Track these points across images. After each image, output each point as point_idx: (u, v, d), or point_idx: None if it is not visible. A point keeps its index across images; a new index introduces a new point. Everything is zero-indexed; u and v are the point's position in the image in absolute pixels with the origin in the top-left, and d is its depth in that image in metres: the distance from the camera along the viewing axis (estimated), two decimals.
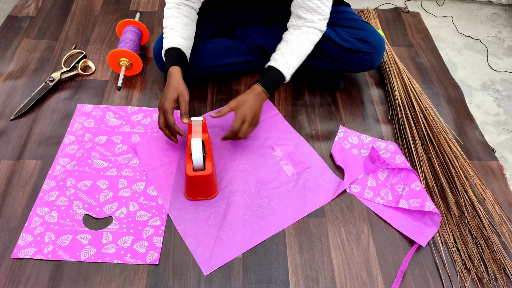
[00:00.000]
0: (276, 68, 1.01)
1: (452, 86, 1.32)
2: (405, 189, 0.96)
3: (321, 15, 1.02)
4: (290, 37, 1.03)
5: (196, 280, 0.83)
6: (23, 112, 1.13)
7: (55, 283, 0.81)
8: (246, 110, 0.97)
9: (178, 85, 0.96)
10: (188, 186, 0.93)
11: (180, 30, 1.01)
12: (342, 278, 0.85)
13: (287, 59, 1.02)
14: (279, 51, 1.03)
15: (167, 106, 0.94)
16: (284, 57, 1.02)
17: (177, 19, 1.01)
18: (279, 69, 1.01)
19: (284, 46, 1.03)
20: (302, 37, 1.03)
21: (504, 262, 0.86)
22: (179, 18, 1.02)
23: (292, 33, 1.04)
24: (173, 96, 0.94)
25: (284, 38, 1.05)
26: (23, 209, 0.92)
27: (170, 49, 0.99)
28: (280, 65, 1.01)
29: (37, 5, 1.53)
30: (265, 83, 1.01)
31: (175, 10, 1.02)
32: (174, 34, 1.00)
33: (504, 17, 1.92)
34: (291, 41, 1.03)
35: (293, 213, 0.94)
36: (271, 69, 1.02)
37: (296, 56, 1.03)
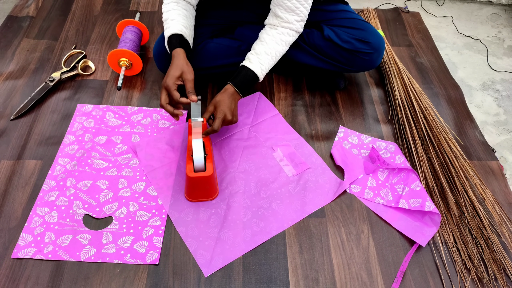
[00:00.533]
0: (250, 69, 1.02)
1: (452, 86, 1.32)
2: (405, 189, 0.96)
3: (298, 16, 1.02)
4: (266, 37, 1.04)
5: (196, 280, 0.83)
6: (23, 112, 1.13)
7: (55, 283, 0.81)
8: (225, 110, 0.99)
9: (182, 63, 0.96)
10: (189, 187, 0.93)
11: (181, 20, 1.02)
12: (342, 278, 0.85)
13: (261, 59, 1.03)
14: (254, 51, 1.04)
15: (169, 82, 0.94)
16: (258, 57, 1.03)
17: (177, 11, 1.03)
18: (253, 70, 1.02)
19: (259, 46, 1.04)
20: (277, 38, 1.04)
21: (504, 262, 0.86)
22: (178, 11, 1.03)
23: (268, 32, 1.05)
24: (176, 73, 0.95)
25: (260, 37, 1.06)
26: (23, 209, 0.92)
27: (173, 36, 1.00)
28: (253, 66, 1.02)
29: (37, 5, 1.53)
30: (238, 83, 1.02)
31: (174, 4, 1.04)
32: (175, 23, 1.01)
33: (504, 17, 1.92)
34: (266, 41, 1.04)
35: (293, 214, 0.94)
36: (244, 69, 1.03)
37: (270, 56, 1.04)
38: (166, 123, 1.13)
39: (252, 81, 1.04)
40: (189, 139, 0.96)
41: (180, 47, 0.99)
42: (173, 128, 1.11)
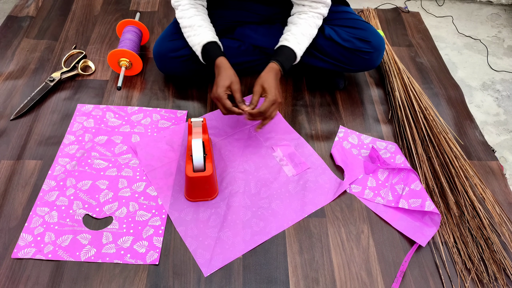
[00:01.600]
0: (289, 47, 1.02)
1: (452, 86, 1.32)
2: (405, 189, 0.96)
3: (324, 3, 1.05)
4: (298, 20, 1.05)
5: (196, 280, 0.83)
6: (23, 112, 1.13)
7: (55, 283, 0.81)
8: (275, 93, 0.97)
9: (230, 73, 0.97)
10: (188, 187, 0.93)
11: (208, 26, 1.03)
12: (342, 278, 0.85)
13: (298, 39, 1.03)
14: (289, 32, 1.04)
15: (220, 92, 0.95)
16: (295, 37, 1.03)
17: (200, 17, 1.03)
18: (292, 48, 1.02)
19: (294, 28, 1.04)
20: (310, 21, 1.05)
21: (504, 262, 0.86)
22: (200, 16, 1.04)
23: (299, 17, 1.06)
24: (226, 83, 0.96)
25: (292, 21, 1.07)
26: (23, 209, 0.92)
27: (209, 44, 1.00)
28: (292, 44, 1.02)
29: (37, 5, 1.53)
30: (281, 60, 1.01)
31: (194, 10, 1.04)
32: (204, 30, 1.01)
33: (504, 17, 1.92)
34: (299, 23, 1.04)
35: (293, 214, 0.94)
36: (284, 48, 1.03)
37: (305, 37, 1.04)
38: (166, 123, 1.13)
39: (292, 61, 1.04)
40: (189, 139, 0.96)
41: (222, 55, 1.00)
42: (173, 128, 1.11)
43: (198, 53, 1.04)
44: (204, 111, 1.18)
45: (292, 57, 1.03)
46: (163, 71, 1.21)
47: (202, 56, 1.04)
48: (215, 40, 1.02)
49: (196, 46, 1.03)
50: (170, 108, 1.17)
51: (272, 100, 0.97)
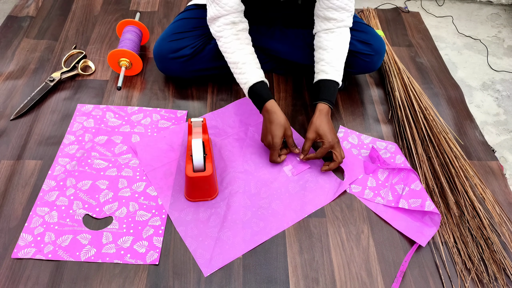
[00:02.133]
0: (331, 80, 1.00)
1: (452, 86, 1.32)
2: (405, 189, 0.96)
3: (349, 12, 1.01)
4: (328, 44, 1.01)
5: (196, 280, 0.83)
6: (23, 112, 1.13)
7: (55, 283, 0.81)
8: (332, 137, 0.96)
9: (283, 121, 0.97)
10: (188, 187, 0.93)
11: (253, 61, 1.00)
12: (342, 278, 0.85)
13: (336, 66, 1.01)
14: (324, 61, 1.01)
15: (276, 143, 0.97)
16: (332, 65, 1.00)
17: (244, 51, 1.00)
18: (333, 80, 1.00)
19: (327, 55, 1.01)
20: (339, 40, 1.02)
21: (504, 262, 0.86)
22: (245, 50, 1.00)
23: (327, 38, 1.02)
24: (281, 133, 0.97)
25: (322, 46, 1.02)
26: (23, 209, 0.92)
27: (258, 84, 0.98)
28: (333, 76, 1.00)
29: (37, 5, 1.53)
30: (329, 98, 0.99)
31: (237, 42, 1.00)
32: (251, 68, 0.98)
33: (504, 17, 1.92)
34: (330, 47, 1.01)
35: (293, 214, 0.94)
36: (326, 82, 1.00)
37: (341, 60, 1.02)
38: (166, 123, 1.13)
39: (336, 90, 1.02)
40: (189, 139, 0.96)
41: (271, 97, 0.98)
42: (173, 128, 1.11)
43: (245, 93, 1.02)
44: (204, 111, 1.18)
45: (336, 87, 1.01)
46: (163, 71, 1.21)
47: (249, 96, 1.01)
48: (262, 80, 0.99)
49: (242, 85, 1.01)
50: (170, 108, 1.17)
51: (329, 147, 0.96)
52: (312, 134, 0.97)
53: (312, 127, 0.97)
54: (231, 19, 0.99)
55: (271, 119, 0.97)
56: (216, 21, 1.01)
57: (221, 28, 1.00)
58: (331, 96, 1.00)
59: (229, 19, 0.99)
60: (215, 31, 1.02)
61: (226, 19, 0.99)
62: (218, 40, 1.03)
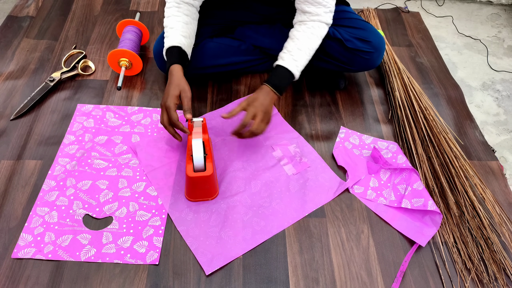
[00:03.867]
0: (284, 67, 0.99)
1: (452, 86, 1.32)
2: (408, 189, 0.96)
3: (326, 7, 1.00)
4: (296, 34, 1.01)
5: (196, 280, 0.83)
6: (23, 112, 1.13)
7: (55, 283, 0.81)
8: (257, 106, 0.96)
9: (180, 82, 0.95)
10: (189, 187, 0.93)
11: (181, 28, 1.00)
12: (342, 278, 0.85)
13: (294, 56, 1.00)
14: (286, 49, 1.01)
15: (169, 103, 0.93)
16: (291, 54, 1.00)
17: (178, 18, 1.01)
18: (287, 67, 0.99)
19: (290, 43, 1.01)
20: (308, 32, 1.01)
21: (504, 262, 0.86)
22: (179, 17, 1.01)
23: (298, 29, 1.02)
24: (175, 92, 0.94)
25: (290, 36, 1.03)
26: (23, 209, 0.92)
27: (171, 48, 0.99)
28: (287, 63, 0.99)
29: (37, 5, 1.53)
30: (273, 82, 0.99)
31: (175, 9, 1.02)
32: (174, 33, 0.99)
33: (504, 17, 1.92)
34: (297, 37, 1.01)
35: (294, 213, 0.94)
36: (278, 68, 1.00)
37: (303, 52, 1.00)
38: None
39: (288, 79, 1.00)
40: (189, 138, 0.96)
41: (178, 63, 0.97)
42: None
43: (165, 57, 1.02)
44: (204, 110, 1.18)
45: (288, 76, 1.00)
46: (163, 71, 1.21)
47: (167, 61, 1.00)
48: (178, 45, 0.98)
49: (164, 50, 1.01)
50: None
51: (251, 112, 0.95)
52: (244, 102, 0.97)
53: (247, 97, 0.98)
54: None
55: (169, 81, 0.96)
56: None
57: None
58: (278, 81, 0.99)
59: None
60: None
61: None
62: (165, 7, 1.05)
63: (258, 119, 0.96)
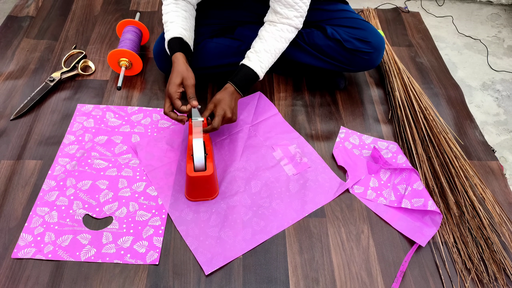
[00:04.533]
0: (249, 67, 1.01)
1: (452, 86, 1.32)
2: (408, 189, 0.96)
3: (298, 11, 1.01)
4: (265, 35, 1.03)
5: (196, 280, 0.83)
6: (23, 112, 1.13)
7: (55, 283, 0.81)
8: (224, 107, 0.98)
9: (182, 69, 0.95)
10: (189, 186, 0.93)
11: (181, 22, 1.01)
12: (342, 278, 0.85)
13: (260, 57, 1.02)
14: (253, 49, 1.03)
15: (171, 90, 0.94)
16: (257, 55, 1.02)
17: (176, 13, 1.02)
18: (252, 68, 1.01)
19: (259, 44, 1.03)
20: (276, 35, 1.03)
21: (504, 262, 0.86)
22: (178, 12, 1.02)
23: (267, 29, 1.04)
24: (177, 80, 0.94)
25: (259, 35, 1.05)
26: (23, 209, 0.92)
27: (172, 39, 0.99)
28: (253, 64, 1.01)
29: (37, 5, 1.53)
30: (237, 82, 1.01)
31: (173, 5, 1.03)
32: (175, 26, 1.00)
33: (504, 17, 1.92)
34: (265, 38, 1.03)
35: (294, 213, 0.94)
36: (244, 67, 1.02)
37: (269, 54, 1.03)
38: (166, 123, 1.13)
39: (252, 80, 1.03)
40: (190, 138, 0.96)
41: (180, 51, 0.98)
42: (173, 127, 1.11)
43: (167, 50, 1.02)
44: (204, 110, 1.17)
45: (253, 77, 1.02)
46: (163, 71, 1.21)
47: (169, 53, 1.01)
48: (179, 36, 0.99)
49: (166, 43, 1.01)
50: None
51: (221, 114, 0.97)
52: (211, 104, 0.99)
53: (212, 99, 1.00)
54: None
55: (172, 69, 0.96)
56: None
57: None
58: (242, 81, 1.02)
59: None
60: None
61: None
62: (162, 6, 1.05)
63: (226, 119, 0.99)
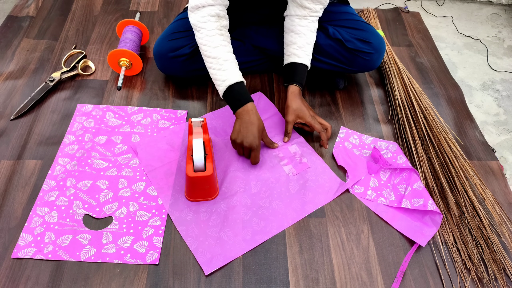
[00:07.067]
0: (302, 63, 1.06)
1: (452, 86, 1.32)
2: (408, 189, 0.96)
3: (322, 4, 1.06)
4: (301, 29, 1.06)
5: (196, 280, 0.83)
6: (23, 112, 1.13)
7: (55, 283, 0.81)
8: (308, 114, 1.04)
9: (260, 121, 0.99)
10: (189, 187, 0.93)
11: (234, 60, 0.99)
12: (342, 278, 0.85)
13: (307, 51, 1.07)
14: (296, 45, 1.06)
15: (257, 144, 0.98)
16: (304, 50, 1.06)
17: (227, 48, 0.98)
18: (304, 64, 1.07)
19: (299, 39, 1.06)
20: (311, 27, 1.07)
21: (504, 262, 0.86)
22: (227, 47, 0.98)
23: (301, 24, 1.06)
24: (260, 134, 0.98)
25: (294, 30, 1.07)
26: (23, 209, 0.92)
27: (237, 84, 0.97)
28: (304, 60, 1.06)
29: (37, 5, 1.53)
30: (299, 81, 1.06)
31: (220, 38, 0.97)
32: (232, 67, 0.97)
33: (504, 17, 1.92)
34: (303, 33, 1.06)
35: (293, 213, 0.94)
36: (297, 65, 1.06)
37: (311, 45, 1.08)
38: (166, 123, 1.13)
39: (305, 73, 1.08)
40: (189, 139, 0.96)
41: (250, 100, 0.98)
42: (173, 128, 1.11)
43: (221, 90, 0.99)
44: (204, 111, 1.18)
45: (305, 70, 1.08)
46: (163, 71, 1.21)
47: (225, 94, 0.99)
48: (242, 80, 0.99)
49: (219, 82, 0.98)
50: (170, 108, 1.17)
51: (312, 120, 1.04)
52: (291, 116, 1.03)
53: (290, 110, 1.03)
54: (217, 11, 0.96)
55: (251, 120, 0.97)
56: (199, 11, 0.96)
57: (205, 19, 0.96)
58: (302, 79, 1.07)
59: (214, 10, 0.96)
60: (197, 21, 0.97)
61: (212, 10, 0.95)
62: (198, 31, 0.98)
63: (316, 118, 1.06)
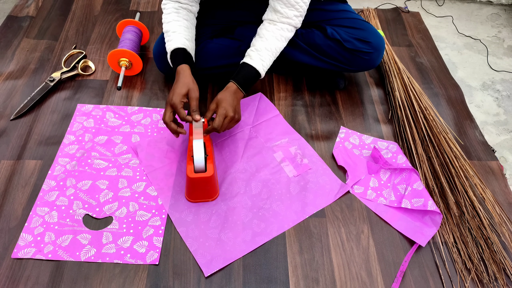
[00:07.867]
0: (251, 65, 1.01)
1: (452, 86, 1.32)
2: (408, 189, 0.96)
3: (298, 11, 1.01)
4: (265, 33, 1.03)
5: (196, 280, 0.83)
6: (23, 112, 1.13)
7: (55, 283, 0.81)
8: (226, 107, 0.96)
9: (188, 80, 0.95)
10: (189, 188, 0.93)
11: (183, 32, 1.01)
12: (342, 278, 0.85)
13: (262, 56, 1.01)
14: (254, 47, 1.02)
15: (175, 100, 0.93)
16: (259, 53, 1.01)
17: (178, 22, 1.02)
18: (254, 66, 1.01)
19: (259, 42, 1.02)
20: (277, 34, 1.02)
21: (504, 262, 0.86)
22: (179, 22, 1.02)
23: (267, 28, 1.03)
24: (183, 91, 0.94)
25: (259, 33, 1.04)
26: (23, 209, 0.92)
27: (176, 50, 0.99)
28: (255, 62, 1.01)
29: (37, 5, 1.53)
30: (240, 80, 1.01)
31: (175, 14, 1.03)
32: (177, 36, 1.00)
33: (504, 17, 1.92)
34: (266, 37, 1.02)
35: (294, 215, 0.94)
36: (246, 66, 1.01)
37: (270, 52, 1.02)
38: None
39: (254, 78, 1.03)
40: (190, 139, 0.96)
41: (184, 63, 0.98)
42: None
43: (169, 60, 1.02)
44: (204, 111, 1.18)
45: (255, 75, 1.01)
46: (163, 71, 1.21)
47: (171, 62, 1.01)
48: (183, 47, 0.99)
49: (168, 53, 1.01)
50: None
51: (223, 114, 0.95)
52: (212, 104, 0.98)
53: (214, 99, 0.99)
54: None
55: (176, 79, 0.96)
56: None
57: (166, 1, 1.05)
58: (244, 79, 1.01)
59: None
60: (162, 4, 1.06)
61: None
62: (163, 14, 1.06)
63: (227, 120, 0.97)
